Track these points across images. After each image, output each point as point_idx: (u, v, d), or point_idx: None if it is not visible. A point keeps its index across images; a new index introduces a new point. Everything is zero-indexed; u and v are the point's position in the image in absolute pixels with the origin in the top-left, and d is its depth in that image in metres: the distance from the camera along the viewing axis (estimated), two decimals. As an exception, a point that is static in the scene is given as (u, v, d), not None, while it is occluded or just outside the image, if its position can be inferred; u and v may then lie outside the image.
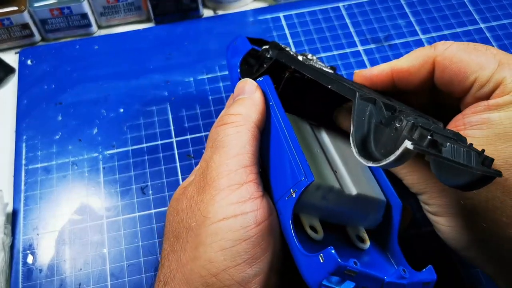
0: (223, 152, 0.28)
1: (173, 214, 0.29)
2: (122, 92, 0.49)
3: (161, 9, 0.53)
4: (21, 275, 0.39)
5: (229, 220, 0.25)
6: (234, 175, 0.27)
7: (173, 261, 0.27)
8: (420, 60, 0.30)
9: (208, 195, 0.26)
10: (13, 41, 0.53)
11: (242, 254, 0.25)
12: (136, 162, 0.44)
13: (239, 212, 0.26)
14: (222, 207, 0.26)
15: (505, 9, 0.55)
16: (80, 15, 0.52)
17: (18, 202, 0.42)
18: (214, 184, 0.27)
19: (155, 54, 0.52)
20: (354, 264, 0.22)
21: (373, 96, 0.25)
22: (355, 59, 0.51)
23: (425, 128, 0.21)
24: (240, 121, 0.29)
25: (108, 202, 0.42)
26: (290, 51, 0.36)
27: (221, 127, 0.29)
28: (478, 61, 0.27)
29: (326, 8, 0.56)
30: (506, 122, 0.26)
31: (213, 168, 0.27)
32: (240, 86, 0.32)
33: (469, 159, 0.21)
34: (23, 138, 0.46)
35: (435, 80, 0.30)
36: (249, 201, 0.26)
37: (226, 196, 0.26)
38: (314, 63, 0.36)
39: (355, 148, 0.23)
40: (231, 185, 0.26)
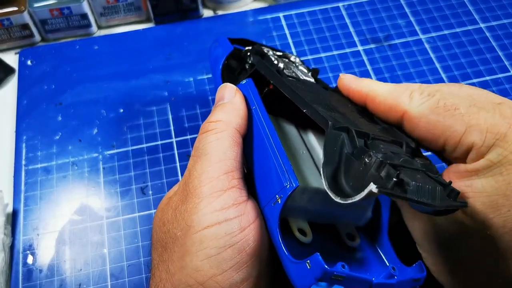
0: (204, 160, 0.28)
1: (159, 224, 0.29)
2: (122, 92, 0.49)
3: (161, 9, 0.53)
4: (21, 276, 0.39)
5: (213, 228, 0.25)
6: (216, 182, 0.27)
7: (162, 271, 0.27)
8: (393, 105, 0.28)
9: (191, 204, 0.26)
10: (13, 41, 0.53)
11: (228, 260, 0.25)
12: (136, 162, 0.44)
13: (223, 219, 0.26)
14: (205, 215, 0.26)
15: (505, 9, 0.55)
16: (80, 16, 0.52)
17: (18, 203, 0.42)
18: (196, 192, 0.26)
19: (155, 54, 0.52)
20: (342, 268, 0.22)
21: (346, 125, 0.25)
22: (355, 59, 0.51)
23: (393, 165, 0.21)
24: (220, 127, 0.29)
25: (108, 202, 0.42)
26: (273, 55, 0.35)
27: (202, 135, 0.29)
28: (446, 124, 0.26)
29: (326, 8, 0.56)
30: (489, 190, 0.25)
31: (195, 176, 0.27)
32: (220, 91, 0.32)
33: (434, 195, 0.22)
34: (23, 138, 0.46)
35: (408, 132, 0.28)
36: (232, 207, 0.26)
37: (209, 203, 0.26)
38: (296, 67, 0.35)
39: (325, 180, 0.23)
40: (213, 192, 0.26)
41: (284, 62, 0.34)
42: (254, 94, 0.31)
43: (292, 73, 0.32)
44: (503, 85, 0.49)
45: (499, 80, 0.49)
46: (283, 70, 0.32)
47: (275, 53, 0.37)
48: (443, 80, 0.49)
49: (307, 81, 0.32)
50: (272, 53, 0.35)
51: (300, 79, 0.32)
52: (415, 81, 0.49)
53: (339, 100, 0.31)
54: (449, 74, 0.50)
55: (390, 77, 0.50)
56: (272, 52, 0.36)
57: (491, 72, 0.50)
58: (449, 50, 0.52)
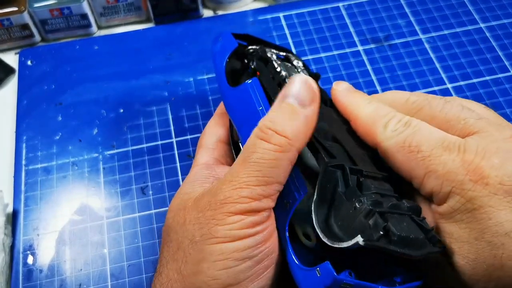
0: (253, 175, 0.25)
1: (180, 222, 0.27)
2: (122, 92, 0.49)
3: (161, 9, 0.53)
4: (21, 276, 0.39)
5: (236, 242, 0.25)
6: (256, 204, 0.25)
7: (172, 270, 0.27)
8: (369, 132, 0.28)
9: (220, 215, 0.25)
10: (13, 41, 0.53)
11: (245, 272, 0.25)
12: (136, 162, 0.44)
13: (248, 235, 0.25)
14: (232, 230, 0.25)
15: (505, 9, 0.55)
16: (80, 16, 0.52)
17: (18, 203, 0.42)
18: (230, 205, 0.25)
19: (155, 54, 0.52)
20: (349, 276, 0.23)
21: (341, 163, 0.25)
22: (355, 59, 0.51)
23: (381, 213, 0.23)
24: (285, 147, 0.25)
25: (108, 202, 0.42)
26: (276, 61, 0.34)
27: (261, 142, 0.26)
28: (410, 166, 0.26)
29: (326, 8, 0.56)
30: (464, 237, 0.24)
31: (236, 186, 0.25)
32: (295, 83, 0.27)
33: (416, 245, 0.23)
34: (23, 138, 0.46)
35: None
36: (259, 224, 0.26)
37: (239, 220, 0.25)
38: (297, 72, 0.34)
39: (315, 217, 0.24)
40: (248, 211, 0.25)
41: (287, 68, 0.33)
42: (260, 94, 0.30)
43: None
44: (503, 85, 0.49)
45: (499, 80, 0.49)
46: (284, 80, 0.32)
47: (279, 54, 0.36)
48: (443, 80, 0.49)
49: None
50: (275, 57, 0.35)
51: None
52: (415, 81, 0.49)
53: (333, 118, 0.31)
54: (449, 74, 0.50)
55: (390, 77, 0.50)
56: (276, 56, 0.35)
57: (491, 72, 0.50)
58: (449, 50, 0.52)
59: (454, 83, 0.49)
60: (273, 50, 0.37)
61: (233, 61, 0.36)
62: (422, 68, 0.50)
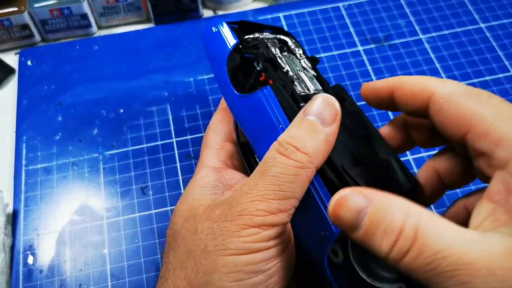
0: (271, 189, 0.25)
1: (190, 230, 0.27)
2: (122, 93, 0.49)
3: (161, 9, 0.53)
4: (21, 276, 0.39)
5: (250, 255, 0.25)
6: (272, 217, 0.25)
7: (180, 277, 0.26)
8: (421, 88, 0.26)
9: (236, 226, 0.25)
10: (13, 41, 0.53)
11: (256, 285, 0.25)
12: (136, 162, 0.44)
13: (262, 248, 0.25)
14: (247, 243, 0.25)
15: (505, 9, 0.55)
16: (80, 16, 0.52)
17: (18, 203, 0.42)
18: (246, 217, 0.25)
19: (155, 54, 0.52)
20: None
21: None
22: (355, 59, 0.51)
23: None
24: (305, 164, 0.25)
25: (108, 202, 0.42)
26: (280, 57, 0.33)
27: (281, 157, 0.25)
28: (476, 109, 0.23)
29: (326, 8, 0.56)
30: None
31: (252, 199, 0.25)
32: (319, 102, 0.27)
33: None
34: (23, 138, 0.46)
35: (431, 118, 0.26)
36: (274, 239, 0.25)
37: (254, 233, 0.25)
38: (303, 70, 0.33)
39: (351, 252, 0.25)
40: (264, 225, 0.25)
41: (290, 64, 0.33)
42: (276, 108, 0.28)
43: (304, 86, 0.31)
44: (503, 85, 0.49)
45: (499, 80, 0.49)
46: (295, 86, 0.30)
47: (276, 37, 0.34)
48: (443, 80, 0.49)
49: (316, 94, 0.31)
50: (278, 51, 0.33)
51: (310, 93, 0.31)
52: (415, 81, 0.49)
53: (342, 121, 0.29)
54: (449, 74, 0.50)
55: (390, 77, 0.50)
56: (278, 49, 0.33)
57: (491, 72, 0.50)
58: (449, 50, 0.52)
59: (454, 83, 0.49)
60: (269, 35, 0.35)
61: (233, 58, 0.33)
62: (422, 68, 0.50)
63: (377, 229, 0.21)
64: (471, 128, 0.23)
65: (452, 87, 0.25)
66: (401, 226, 0.20)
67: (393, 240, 0.20)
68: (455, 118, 0.24)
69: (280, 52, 0.33)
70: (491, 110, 0.23)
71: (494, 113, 0.22)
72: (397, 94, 0.28)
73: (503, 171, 0.22)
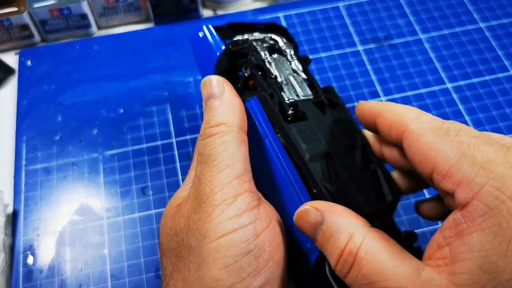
0: (213, 166, 0.27)
1: (171, 233, 0.28)
2: (122, 93, 0.49)
3: (160, 9, 0.53)
4: (21, 276, 0.39)
5: (228, 236, 0.25)
6: (228, 188, 0.26)
7: (178, 280, 0.27)
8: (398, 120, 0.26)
9: (204, 213, 0.26)
10: (13, 42, 0.53)
11: (245, 268, 0.25)
12: (136, 162, 0.44)
13: (238, 226, 0.25)
14: (219, 223, 0.25)
15: (504, 9, 0.55)
16: (80, 16, 0.52)
17: (18, 203, 0.42)
18: (208, 200, 0.26)
19: (155, 54, 0.52)
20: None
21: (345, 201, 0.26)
22: (355, 59, 0.51)
23: None
24: (224, 130, 0.28)
25: (108, 202, 0.42)
26: (269, 61, 0.32)
27: (206, 140, 0.28)
28: (441, 148, 0.23)
29: (325, 8, 0.56)
30: (487, 247, 0.20)
31: (206, 184, 0.27)
32: (206, 87, 0.30)
33: None
34: (23, 139, 0.46)
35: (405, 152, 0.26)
36: (246, 212, 0.26)
37: (222, 211, 0.25)
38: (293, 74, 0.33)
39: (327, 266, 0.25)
40: (226, 199, 0.26)
41: (279, 66, 0.32)
42: (263, 119, 0.29)
43: (293, 92, 0.31)
44: (503, 84, 0.49)
45: (499, 79, 0.49)
46: (283, 93, 0.31)
47: (266, 39, 0.34)
48: (443, 80, 0.49)
49: (304, 104, 0.31)
50: (267, 54, 0.33)
51: (299, 100, 0.31)
52: (415, 81, 0.49)
53: (329, 130, 0.30)
54: (449, 73, 0.50)
55: (390, 77, 0.50)
56: (267, 51, 0.33)
57: (491, 72, 0.50)
58: (449, 50, 0.52)
59: (454, 83, 0.49)
60: (259, 36, 0.34)
61: (221, 64, 0.33)
62: (422, 68, 0.50)
63: (327, 245, 0.24)
64: (436, 167, 0.23)
65: (423, 123, 0.25)
66: (343, 249, 0.23)
67: (336, 259, 0.23)
68: (422, 156, 0.24)
69: (270, 54, 0.33)
70: (456, 149, 0.22)
71: (458, 153, 0.22)
72: (378, 121, 0.28)
73: (459, 212, 0.22)
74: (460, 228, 0.21)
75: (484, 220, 0.20)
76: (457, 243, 0.21)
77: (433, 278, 0.21)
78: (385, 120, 0.27)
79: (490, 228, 0.20)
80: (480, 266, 0.20)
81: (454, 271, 0.21)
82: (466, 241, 0.21)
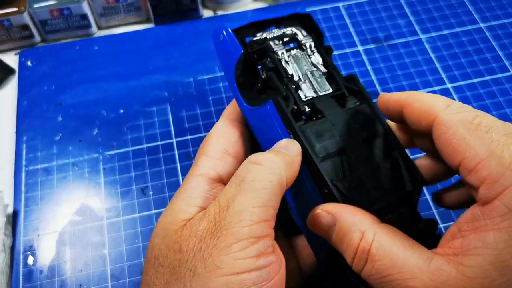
0: (250, 197, 0.25)
1: (173, 249, 0.26)
2: (122, 93, 0.49)
3: (161, 9, 0.53)
4: (21, 276, 0.39)
5: (243, 275, 0.24)
6: (257, 227, 0.24)
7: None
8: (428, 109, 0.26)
9: (223, 242, 0.24)
10: (13, 42, 0.53)
11: None
12: (136, 162, 0.44)
13: (254, 267, 0.24)
14: (237, 259, 0.24)
15: (504, 9, 0.55)
16: (80, 16, 0.52)
17: (18, 203, 0.42)
18: (233, 231, 0.24)
19: (155, 54, 0.52)
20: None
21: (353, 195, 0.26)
22: (355, 59, 0.51)
23: None
24: (275, 169, 0.26)
25: (109, 203, 0.42)
26: (286, 60, 0.32)
27: (255, 166, 0.26)
28: (470, 143, 0.23)
29: (326, 8, 0.56)
30: (501, 246, 0.21)
31: (235, 212, 0.25)
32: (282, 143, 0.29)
33: None
34: (23, 139, 0.46)
35: (433, 140, 0.27)
36: (263, 256, 0.25)
37: (243, 248, 0.24)
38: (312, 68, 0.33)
39: None
40: (251, 237, 0.24)
41: (298, 63, 0.32)
42: (278, 123, 0.29)
43: (311, 89, 0.31)
44: (503, 84, 0.49)
45: (499, 79, 0.49)
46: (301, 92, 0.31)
47: (285, 35, 0.34)
48: (443, 80, 0.49)
49: (322, 100, 0.31)
50: (284, 52, 0.33)
51: (317, 96, 0.31)
52: (415, 81, 0.49)
53: (347, 124, 0.30)
54: (449, 74, 0.50)
55: (390, 77, 0.50)
56: (284, 50, 0.33)
57: (491, 72, 0.50)
58: (449, 50, 0.52)
59: (454, 83, 0.49)
60: (278, 32, 0.34)
61: (240, 67, 0.33)
62: (422, 68, 0.50)
63: (341, 245, 0.25)
64: (463, 161, 0.24)
65: (455, 113, 0.25)
66: (356, 247, 0.24)
67: (352, 257, 0.24)
68: (451, 148, 0.25)
69: (289, 51, 0.33)
70: (486, 146, 0.23)
71: (487, 150, 0.23)
72: (405, 111, 0.28)
73: (478, 207, 0.23)
74: (477, 224, 0.22)
75: (502, 221, 0.21)
76: (472, 237, 0.22)
77: (443, 268, 0.22)
78: (414, 109, 0.27)
79: (507, 229, 0.21)
80: (492, 262, 0.21)
81: (464, 263, 0.22)
82: (482, 237, 0.22)
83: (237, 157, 0.32)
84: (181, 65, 0.51)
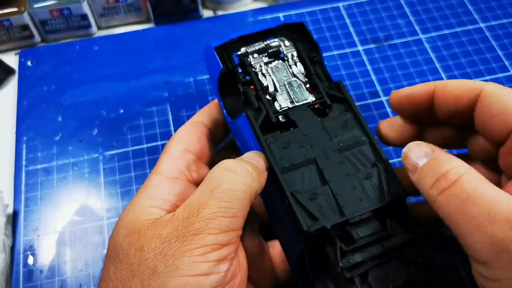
0: (222, 206, 0.26)
1: (135, 247, 0.26)
2: (122, 93, 0.49)
3: (161, 9, 0.54)
4: (21, 276, 0.39)
5: (200, 277, 0.24)
6: (223, 236, 0.25)
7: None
8: (468, 87, 0.28)
9: (187, 246, 0.25)
10: (13, 42, 0.53)
11: None
12: (136, 163, 0.44)
13: (213, 271, 0.25)
14: (198, 263, 0.24)
15: (504, 9, 0.55)
16: (80, 16, 0.52)
17: (18, 203, 0.42)
18: (199, 237, 0.25)
19: (155, 54, 0.52)
20: None
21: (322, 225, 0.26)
22: (355, 59, 0.51)
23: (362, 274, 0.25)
24: (249, 181, 0.27)
25: (109, 203, 0.42)
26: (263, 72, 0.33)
27: (229, 173, 0.27)
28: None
29: (325, 8, 0.56)
30: None
31: (205, 219, 0.25)
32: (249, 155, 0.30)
33: None
34: (23, 139, 0.46)
35: (475, 117, 0.27)
36: (224, 261, 0.25)
37: (205, 253, 0.25)
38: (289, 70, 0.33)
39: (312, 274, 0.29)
40: (215, 244, 0.25)
41: (278, 79, 0.32)
42: (250, 135, 0.30)
43: (287, 99, 0.31)
44: (503, 84, 0.49)
45: (499, 79, 0.49)
46: (275, 97, 0.31)
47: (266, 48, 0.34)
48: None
49: (297, 110, 0.31)
50: (263, 65, 0.33)
51: (293, 106, 0.31)
52: (415, 81, 0.49)
53: (322, 134, 0.30)
54: (449, 74, 0.50)
55: (390, 77, 0.50)
56: (263, 63, 0.33)
57: (491, 72, 0.50)
58: (449, 50, 0.52)
59: (454, 83, 0.49)
60: (259, 45, 0.34)
61: (222, 81, 0.34)
62: (422, 68, 0.50)
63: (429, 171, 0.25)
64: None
65: (498, 86, 0.27)
66: (447, 170, 0.24)
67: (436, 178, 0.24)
68: (500, 118, 0.26)
69: (269, 63, 0.33)
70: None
71: None
72: (439, 96, 0.29)
73: None
74: None
75: None
76: None
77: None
78: (451, 90, 0.28)
79: None
80: None
81: None
82: None
83: (198, 154, 0.33)
84: (181, 65, 0.51)
